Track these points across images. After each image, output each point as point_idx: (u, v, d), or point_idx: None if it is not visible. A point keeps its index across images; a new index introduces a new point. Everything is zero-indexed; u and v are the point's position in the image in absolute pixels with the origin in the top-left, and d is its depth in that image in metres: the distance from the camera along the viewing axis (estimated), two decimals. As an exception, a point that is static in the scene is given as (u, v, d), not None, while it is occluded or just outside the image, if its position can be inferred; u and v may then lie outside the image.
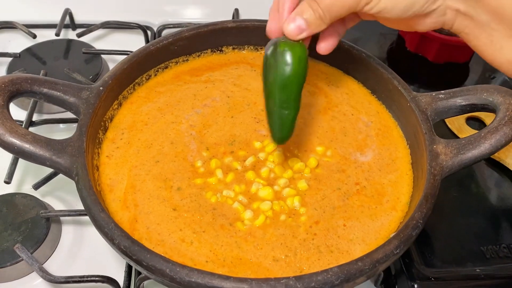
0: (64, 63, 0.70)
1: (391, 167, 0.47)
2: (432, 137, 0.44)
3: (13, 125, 0.40)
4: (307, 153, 0.47)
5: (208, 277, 0.34)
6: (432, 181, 0.41)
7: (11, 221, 0.51)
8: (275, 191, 0.44)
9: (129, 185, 0.44)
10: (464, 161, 0.42)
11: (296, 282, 0.34)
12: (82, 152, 0.41)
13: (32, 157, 0.40)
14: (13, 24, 0.74)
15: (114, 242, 0.36)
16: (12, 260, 0.48)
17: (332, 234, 0.41)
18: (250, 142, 0.48)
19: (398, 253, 0.37)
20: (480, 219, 0.52)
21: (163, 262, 0.35)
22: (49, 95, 0.45)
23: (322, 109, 0.51)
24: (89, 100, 0.45)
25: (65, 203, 0.56)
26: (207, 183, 0.44)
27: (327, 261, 0.39)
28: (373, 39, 0.74)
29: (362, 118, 0.50)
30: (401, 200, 0.44)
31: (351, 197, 0.44)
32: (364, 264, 0.35)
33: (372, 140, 0.49)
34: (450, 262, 0.48)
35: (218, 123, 0.49)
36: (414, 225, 0.38)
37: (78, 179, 0.40)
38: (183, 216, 0.41)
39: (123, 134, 0.48)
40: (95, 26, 0.73)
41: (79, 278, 0.47)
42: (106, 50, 0.70)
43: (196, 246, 0.39)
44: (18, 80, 0.43)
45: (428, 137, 0.44)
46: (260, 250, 0.39)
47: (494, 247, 0.49)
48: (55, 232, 0.52)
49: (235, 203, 0.42)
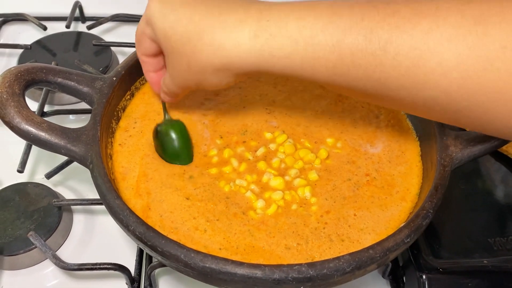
0: (74, 55, 0.70)
1: (401, 158, 0.47)
2: (441, 129, 0.44)
3: (29, 113, 0.41)
4: (317, 145, 0.47)
5: (222, 263, 0.35)
6: (442, 172, 0.41)
7: (23, 210, 0.52)
8: (286, 181, 0.44)
9: (142, 174, 0.44)
10: (473, 153, 0.43)
11: (308, 268, 0.35)
12: (97, 140, 0.42)
13: (48, 145, 0.41)
14: (24, 16, 0.74)
15: (129, 229, 0.37)
16: (25, 248, 0.49)
17: (343, 223, 0.42)
18: (261, 132, 0.48)
19: (408, 242, 0.37)
20: (487, 212, 0.52)
21: (177, 247, 0.35)
22: (63, 84, 0.45)
23: (332, 102, 0.52)
24: (102, 90, 0.46)
25: (76, 193, 0.57)
26: (221, 172, 0.44)
27: (338, 249, 0.40)
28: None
29: (372, 111, 0.51)
30: (410, 191, 0.44)
31: (361, 188, 0.44)
32: (375, 252, 0.36)
33: (382, 132, 0.49)
34: (457, 254, 0.48)
35: (230, 112, 0.50)
36: (424, 214, 0.39)
37: (93, 167, 0.40)
38: (196, 205, 0.42)
39: (136, 123, 0.48)
40: (104, 19, 0.74)
41: (91, 266, 0.47)
42: (116, 42, 0.70)
43: (210, 234, 0.40)
44: (34, 70, 0.44)
45: (438, 129, 0.44)
46: (273, 238, 0.40)
47: (501, 239, 0.49)
48: (66, 221, 0.53)
49: (247, 192, 0.43)
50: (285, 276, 0.34)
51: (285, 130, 0.48)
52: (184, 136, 0.46)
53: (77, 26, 0.77)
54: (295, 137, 0.48)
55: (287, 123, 0.49)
